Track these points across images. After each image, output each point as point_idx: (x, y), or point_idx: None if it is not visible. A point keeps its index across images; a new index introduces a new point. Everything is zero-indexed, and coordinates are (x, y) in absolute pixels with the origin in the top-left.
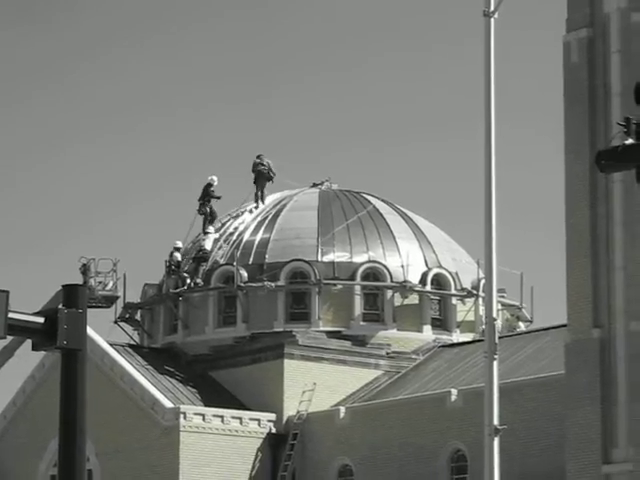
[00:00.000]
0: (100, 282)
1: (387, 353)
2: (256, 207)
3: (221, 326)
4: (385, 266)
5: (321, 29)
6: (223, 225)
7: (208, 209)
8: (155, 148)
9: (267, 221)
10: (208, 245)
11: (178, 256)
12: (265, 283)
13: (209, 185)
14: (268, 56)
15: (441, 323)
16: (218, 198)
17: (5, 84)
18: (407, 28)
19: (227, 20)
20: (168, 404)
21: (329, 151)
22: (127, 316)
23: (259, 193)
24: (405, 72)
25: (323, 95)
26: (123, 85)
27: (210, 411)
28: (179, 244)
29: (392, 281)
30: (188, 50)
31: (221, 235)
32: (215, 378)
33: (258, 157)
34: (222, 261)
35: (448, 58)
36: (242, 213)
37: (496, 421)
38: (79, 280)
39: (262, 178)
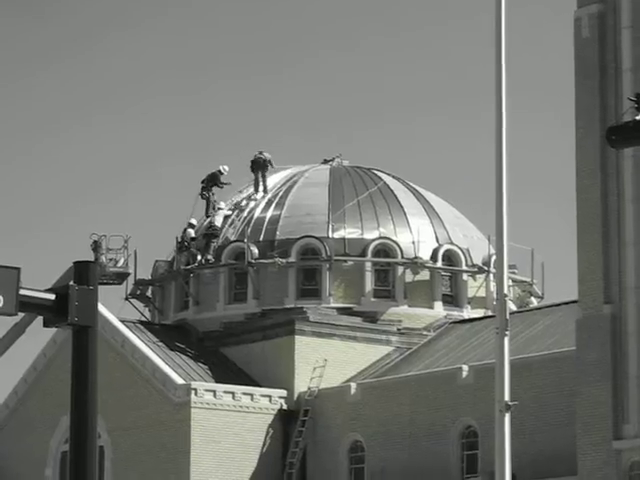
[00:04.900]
0: (111, 259)
1: (398, 329)
2: (255, 194)
3: (232, 303)
4: (396, 242)
5: (331, 5)
6: (236, 205)
7: (208, 193)
8: (166, 125)
9: (278, 198)
10: (218, 222)
11: (191, 233)
12: (276, 259)
13: (219, 173)
14: (278, 33)
15: (452, 299)
16: (221, 187)
17: (20, 59)
18: (417, 3)
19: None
20: (179, 380)
21: (340, 127)
22: (138, 293)
23: (258, 181)
24: (416, 48)
25: (334, 71)
26: (136, 63)
27: (221, 387)
28: (193, 221)
29: (403, 257)
30: (196, 30)
31: (232, 212)
32: (226, 354)
33: (260, 152)
34: (233, 238)
35: (458, 33)
36: (241, 200)
37: (507, 397)
38: (90, 257)
39: (258, 167)
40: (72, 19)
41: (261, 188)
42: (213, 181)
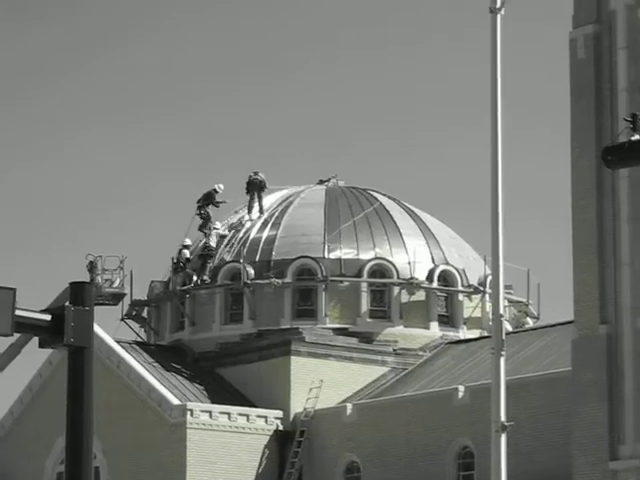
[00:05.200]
0: (107, 279)
1: (394, 350)
2: (249, 215)
3: (228, 323)
4: (392, 263)
5: (326, 23)
6: (231, 226)
7: (205, 211)
8: (161, 146)
9: (274, 218)
10: (213, 242)
11: (187, 253)
12: (272, 280)
13: (214, 192)
14: (273, 51)
15: (448, 320)
16: (217, 206)
17: (12, 79)
18: (413, 23)
19: (232, 15)
20: (175, 401)
21: (335, 148)
22: (134, 313)
23: (252, 202)
24: (412, 69)
25: (330, 91)
26: (130, 82)
27: (217, 408)
28: (188, 241)
29: (399, 278)
30: (192, 45)
31: (228, 232)
32: (222, 375)
33: (255, 173)
34: (229, 258)
35: (455, 55)
36: (237, 221)
37: (503, 418)
38: (86, 277)
39: (254, 187)
40: (66, 37)
41: (256, 209)
42: (209, 200)
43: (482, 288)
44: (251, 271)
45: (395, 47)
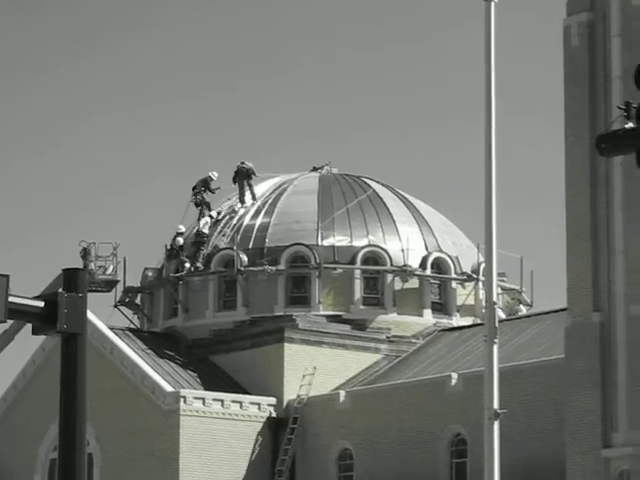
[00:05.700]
0: (100, 266)
1: (387, 337)
2: (241, 205)
3: (221, 310)
4: (385, 250)
5: (323, 13)
6: (226, 214)
7: (201, 197)
8: (155, 133)
9: (267, 205)
10: (206, 229)
11: (181, 240)
12: (265, 267)
13: (209, 179)
14: (266, 41)
15: (441, 307)
16: (213, 192)
17: (10, 69)
18: (408, 13)
19: (229, 10)
20: (168, 388)
21: (329, 135)
22: (127, 300)
23: (242, 191)
24: (406, 57)
25: (323, 79)
26: (124, 70)
27: (210, 395)
28: (182, 228)
29: (392, 265)
30: (189, 40)
31: (221, 219)
32: (215, 362)
33: (242, 162)
34: (222, 245)
35: (449, 43)
36: (229, 209)
37: (496, 405)
38: (79, 264)
39: (242, 176)
40: (64, 32)
41: (248, 197)
42: (204, 186)
43: (475, 275)
44: (244, 258)
45: (389, 38)
